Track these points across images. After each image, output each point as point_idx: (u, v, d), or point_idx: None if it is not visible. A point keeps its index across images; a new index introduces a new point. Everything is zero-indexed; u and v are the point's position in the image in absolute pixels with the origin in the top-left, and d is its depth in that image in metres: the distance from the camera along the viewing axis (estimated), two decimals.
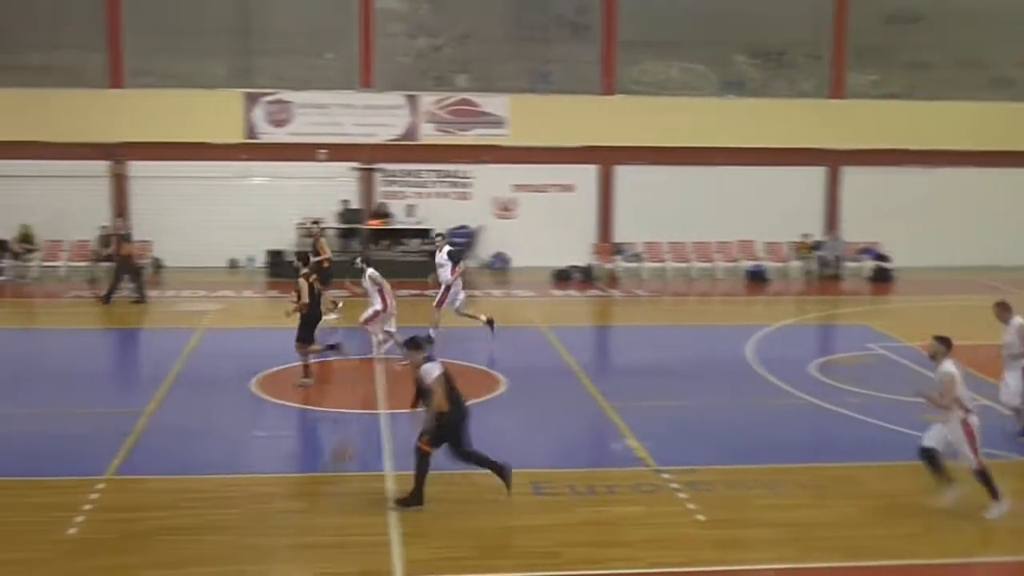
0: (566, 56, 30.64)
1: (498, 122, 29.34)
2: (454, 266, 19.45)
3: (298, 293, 16.53)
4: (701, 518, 11.28)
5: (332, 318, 21.32)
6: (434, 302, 19.60)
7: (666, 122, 29.01)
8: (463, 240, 28.64)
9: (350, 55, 29.25)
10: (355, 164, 29.08)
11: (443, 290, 19.46)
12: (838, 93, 30.70)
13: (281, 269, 26.07)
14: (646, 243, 29.91)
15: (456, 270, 19.44)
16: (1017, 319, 14.01)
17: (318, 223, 23.45)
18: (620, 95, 29.91)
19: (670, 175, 29.64)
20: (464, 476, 11.86)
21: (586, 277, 28.58)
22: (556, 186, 29.88)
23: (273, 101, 28.73)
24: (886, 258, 29.68)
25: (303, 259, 17.42)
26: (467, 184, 29.66)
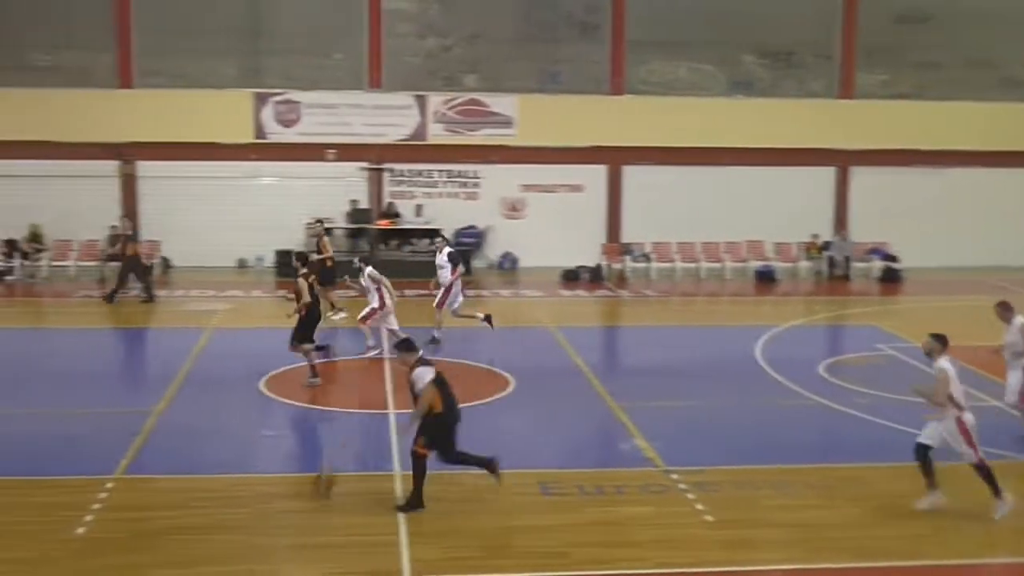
0: (575, 56, 30.62)
1: (507, 122, 29.33)
2: (454, 268, 19.65)
3: (297, 294, 16.55)
4: (709, 518, 11.28)
5: (338, 318, 21.36)
6: (434, 303, 19.76)
7: (675, 122, 28.96)
8: (472, 240, 28.67)
9: (359, 55, 29.26)
10: (364, 164, 29.11)
11: (443, 291, 19.63)
12: (847, 93, 30.62)
13: (290, 269, 25.90)
14: (655, 243, 29.88)
15: (456, 272, 19.61)
16: (1019, 318, 14.00)
17: (321, 222, 23.47)
18: (629, 95, 29.86)
19: (679, 175, 29.61)
20: (474, 478, 11.83)
21: (595, 277, 28.57)
22: (564, 186, 29.85)
23: (282, 101, 28.76)
24: (895, 258, 29.63)
25: (302, 259, 17.45)
26: (476, 184, 29.65)
